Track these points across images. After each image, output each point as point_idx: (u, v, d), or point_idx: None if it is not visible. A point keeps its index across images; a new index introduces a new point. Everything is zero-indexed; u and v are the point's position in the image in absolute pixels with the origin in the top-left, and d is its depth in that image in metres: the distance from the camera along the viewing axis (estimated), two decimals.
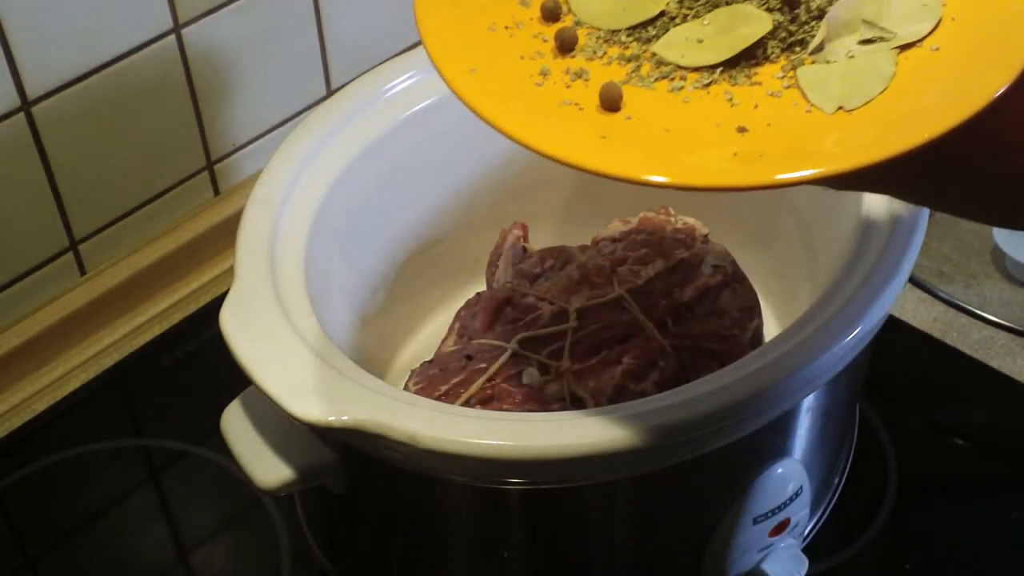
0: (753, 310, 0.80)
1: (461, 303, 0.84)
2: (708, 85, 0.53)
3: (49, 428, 0.88)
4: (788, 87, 0.52)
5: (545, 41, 0.56)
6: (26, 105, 0.83)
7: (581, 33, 0.56)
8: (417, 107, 0.79)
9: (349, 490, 0.65)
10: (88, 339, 0.93)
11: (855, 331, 0.61)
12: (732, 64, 0.53)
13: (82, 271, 0.93)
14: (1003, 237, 0.99)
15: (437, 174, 0.83)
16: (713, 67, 0.54)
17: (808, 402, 0.65)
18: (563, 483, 0.61)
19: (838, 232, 0.72)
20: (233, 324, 0.62)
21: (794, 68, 0.53)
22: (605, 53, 0.55)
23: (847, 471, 0.78)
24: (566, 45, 0.55)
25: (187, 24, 0.89)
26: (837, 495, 0.77)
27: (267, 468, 0.62)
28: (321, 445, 0.62)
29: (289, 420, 0.58)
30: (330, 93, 1.02)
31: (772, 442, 0.66)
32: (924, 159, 0.44)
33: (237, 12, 0.92)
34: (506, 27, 0.56)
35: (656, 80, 0.54)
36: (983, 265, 1.00)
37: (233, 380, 0.62)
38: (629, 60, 0.55)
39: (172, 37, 0.89)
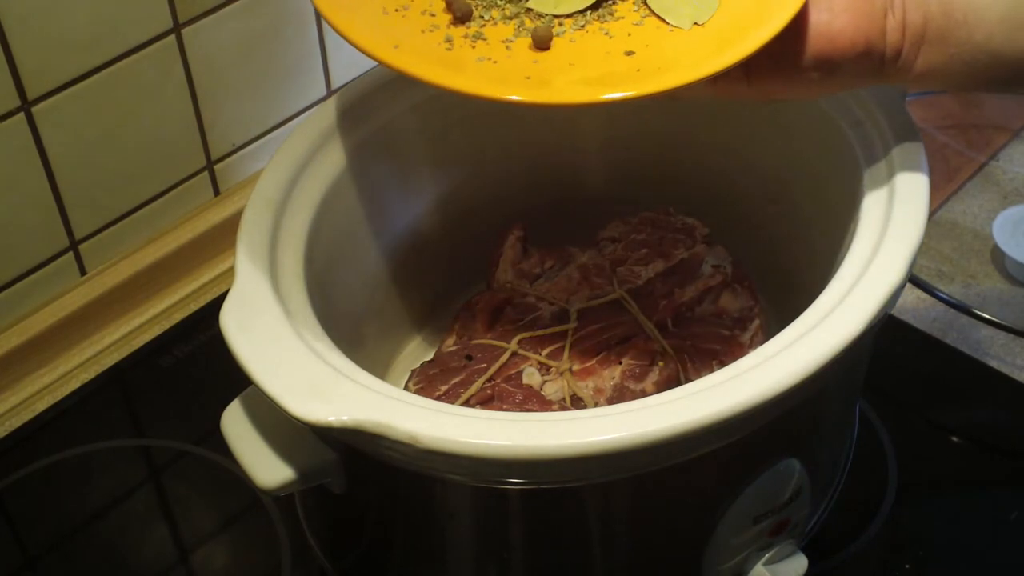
0: (753, 310, 0.80)
1: (461, 303, 0.84)
2: (584, 26, 0.65)
3: (49, 428, 0.88)
4: (645, 16, 0.66)
5: (432, 16, 0.66)
6: (26, 105, 0.83)
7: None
8: (417, 107, 0.79)
9: (349, 490, 0.65)
10: (88, 339, 0.93)
11: (855, 331, 0.61)
12: (596, 7, 0.66)
13: (82, 271, 0.93)
14: (1003, 238, 0.99)
15: (437, 174, 0.83)
16: (583, 11, 0.66)
17: (808, 402, 0.65)
18: (563, 483, 0.61)
19: (838, 232, 0.72)
20: (233, 324, 0.62)
21: (644, 1, 0.66)
22: (490, 16, 0.66)
23: (847, 471, 0.78)
24: (464, 17, 0.65)
25: (187, 24, 0.89)
26: (837, 495, 0.77)
27: (267, 468, 0.62)
28: (321, 445, 0.62)
29: (289, 420, 0.58)
30: (330, 93, 1.02)
31: (772, 442, 0.66)
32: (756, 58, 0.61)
33: (237, 12, 0.92)
34: (396, 10, 0.66)
35: None
36: (983, 265, 1.00)
37: (233, 380, 0.62)
38: (511, 18, 0.66)
39: (172, 37, 0.89)
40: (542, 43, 0.63)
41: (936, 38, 0.63)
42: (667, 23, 0.65)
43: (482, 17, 0.66)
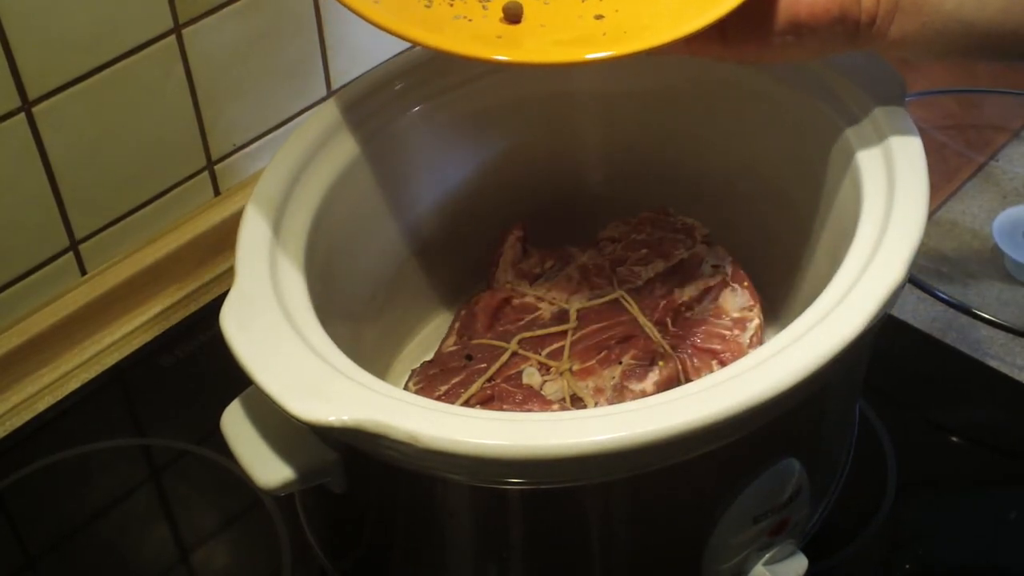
0: (753, 310, 0.80)
1: (461, 303, 0.84)
2: None
3: (50, 428, 0.88)
4: None
5: None
6: (27, 105, 0.83)
7: None
8: (417, 107, 0.79)
9: (349, 490, 0.65)
10: (89, 339, 0.93)
11: (855, 331, 0.61)
12: None
13: (83, 271, 0.93)
14: (1003, 238, 0.99)
15: (437, 174, 0.84)
16: None
17: (808, 402, 0.65)
18: (563, 483, 0.61)
19: (837, 232, 0.72)
20: (233, 324, 0.62)
21: None
22: None
23: (847, 471, 0.78)
24: None
25: (187, 24, 0.89)
26: (837, 495, 0.77)
27: (267, 468, 0.62)
28: (321, 445, 0.63)
29: (289, 420, 0.58)
30: (330, 93, 1.03)
31: (772, 442, 0.66)
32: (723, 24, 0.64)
33: (237, 12, 0.92)
34: None
35: None
36: (982, 265, 1.00)
37: (233, 380, 0.62)
38: None
39: (173, 37, 0.89)
40: (513, 17, 0.66)
41: (909, 6, 0.66)
42: None
43: None
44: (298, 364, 0.60)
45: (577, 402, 0.73)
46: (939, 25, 0.66)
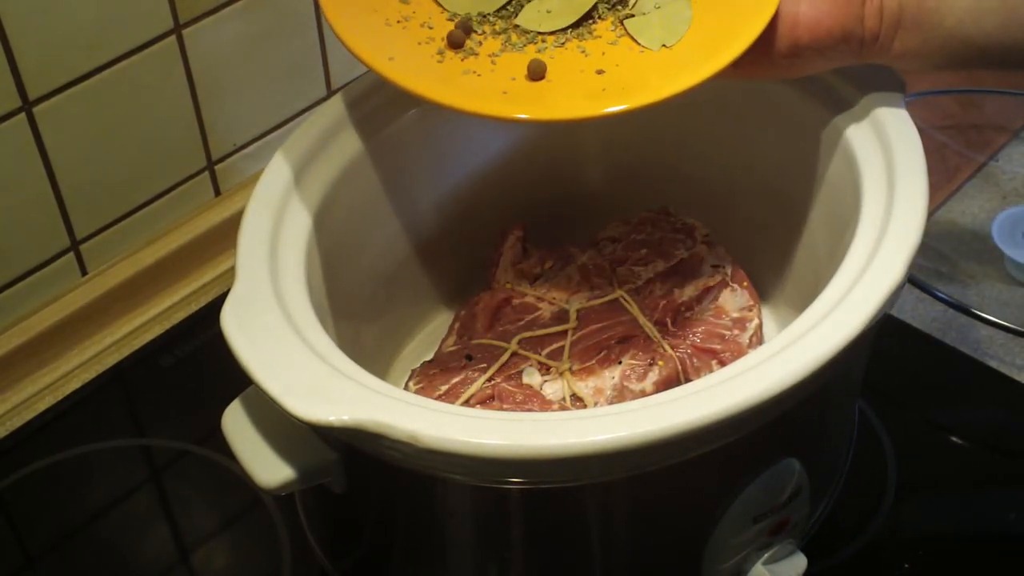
0: (753, 310, 0.80)
1: (461, 303, 0.84)
2: (564, 44, 0.70)
3: (50, 428, 0.88)
4: (621, 36, 0.70)
5: (431, 28, 0.70)
6: (27, 105, 0.83)
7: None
8: (417, 107, 0.79)
9: (349, 490, 0.65)
10: (89, 339, 0.93)
11: (854, 332, 0.61)
12: (577, 25, 0.71)
13: (83, 271, 0.93)
14: (1002, 238, 0.99)
15: (437, 174, 0.83)
16: (564, 29, 0.71)
17: (808, 402, 0.65)
18: (563, 483, 0.61)
19: (837, 232, 0.72)
20: (234, 324, 0.62)
21: (621, 22, 0.71)
22: (482, 31, 0.71)
23: (847, 471, 0.78)
24: (457, 43, 0.70)
25: (187, 24, 0.90)
26: (837, 495, 0.77)
27: (267, 468, 0.62)
28: (321, 445, 0.63)
29: (289, 420, 0.58)
30: (330, 93, 1.03)
31: (772, 442, 0.66)
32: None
33: (237, 12, 0.92)
34: (397, 22, 0.70)
35: (525, 45, 0.70)
36: (982, 265, 1.00)
37: (234, 380, 0.62)
38: (500, 33, 0.70)
39: (173, 37, 0.89)
40: (536, 76, 0.67)
41: (911, 24, 0.68)
42: (639, 44, 0.69)
43: (474, 31, 0.70)
44: (298, 364, 0.60)
45: (577, 402, 0.73)
46: (940, 41, 0.68)
